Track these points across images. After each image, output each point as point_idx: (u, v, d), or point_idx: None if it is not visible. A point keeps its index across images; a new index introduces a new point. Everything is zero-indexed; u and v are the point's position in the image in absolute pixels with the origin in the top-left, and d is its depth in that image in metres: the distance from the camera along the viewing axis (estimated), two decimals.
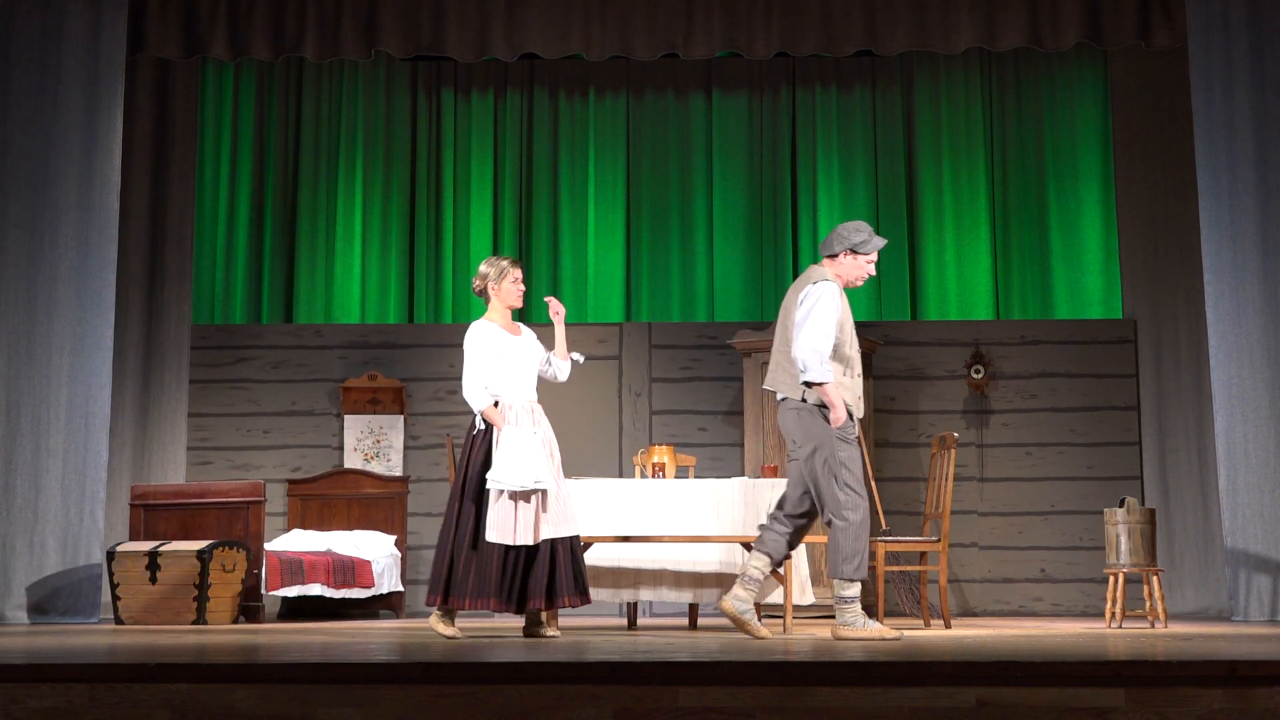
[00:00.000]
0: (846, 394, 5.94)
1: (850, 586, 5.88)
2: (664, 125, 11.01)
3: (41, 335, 8.48)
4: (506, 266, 6.55)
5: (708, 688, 3.85)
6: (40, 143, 8.61)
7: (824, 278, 6.03)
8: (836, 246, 6.08)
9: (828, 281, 6.01)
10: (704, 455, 9.98)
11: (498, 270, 6.54)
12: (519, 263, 6.64)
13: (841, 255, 6.08)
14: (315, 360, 10.40)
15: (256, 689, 3.86)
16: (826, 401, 5.88)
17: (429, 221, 10.97)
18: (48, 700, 3.84)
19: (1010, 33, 8.91)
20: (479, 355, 6.42)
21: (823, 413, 5.92)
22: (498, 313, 6.56)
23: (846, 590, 5.89)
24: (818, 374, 5.86)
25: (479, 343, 6.44)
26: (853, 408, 5.95)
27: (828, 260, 6.12)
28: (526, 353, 6.52)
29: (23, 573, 8.29)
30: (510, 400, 6.41)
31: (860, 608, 5.91)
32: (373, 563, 9.31)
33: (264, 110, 10.97)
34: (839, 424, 5.88)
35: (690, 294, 10.91)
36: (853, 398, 5.97)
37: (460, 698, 3.84)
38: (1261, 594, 8.17)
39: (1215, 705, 3.84)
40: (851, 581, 5.88)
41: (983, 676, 3.87)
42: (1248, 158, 8.48)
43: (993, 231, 10.74)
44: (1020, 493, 10.10)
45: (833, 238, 6.11)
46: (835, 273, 6.08)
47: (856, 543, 5.85)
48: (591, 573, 7.48)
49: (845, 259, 6.08)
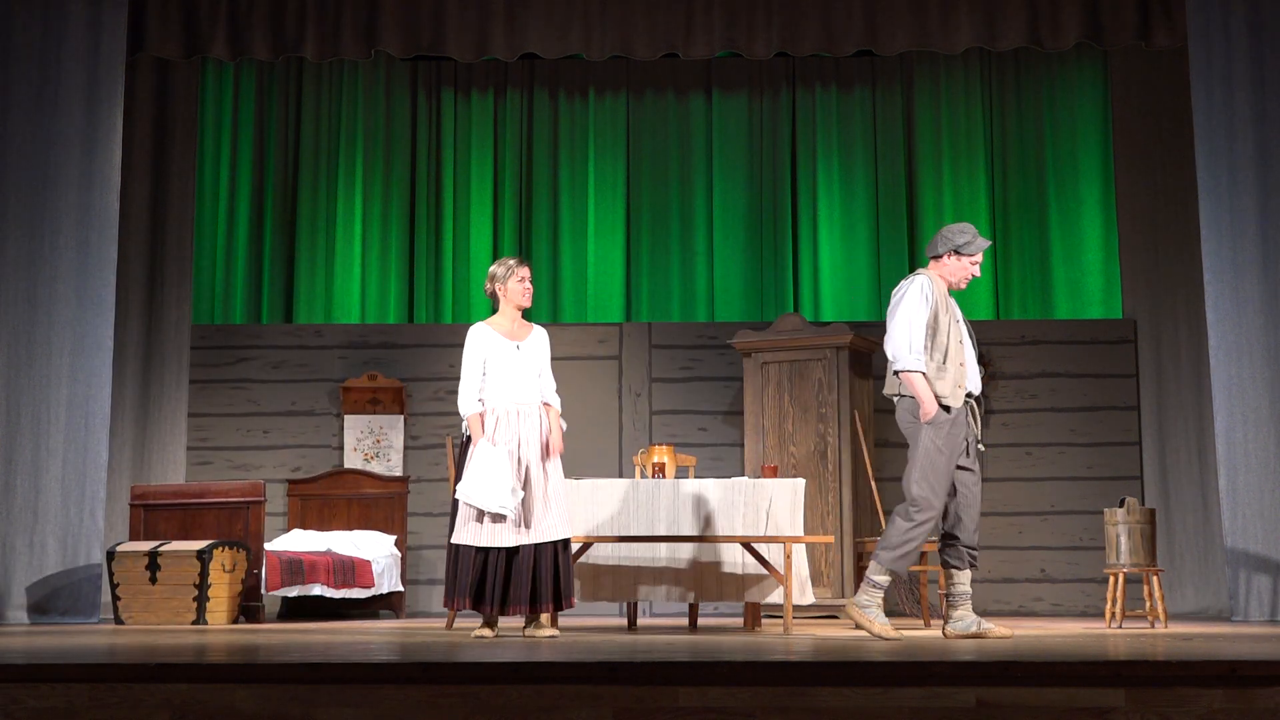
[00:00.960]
0: (943, 384, 5.95)
1: (882, 574, 5.92)
2: (664, 125, 11.01)
3: (41, 335, 8.48)
4: (513, 266, 6.55)
5: (708, 688, 3.85)
6: (40, 143, 8.61)
7: (915, 274, 6.10)
8: (940, 248, 6.14)
9: (916, 276, 6.08)
10: (704, 455, 9.98)
11: (505, 269, 6.54)
12: (526, 262, 6.62)
13: (945, 256, 6.12)
14: (315, 360, 10.40)
15: (256, 689, 3.86)
16: (910, 391, 5.94)
17: (429, 221, 10.97)
18: (48, 700, 3.84)
19: (1010, 33, 8.91)
20: (468, 360, 6.44)
21: (915, 405, 5.97)
22: (506, 314, 6.55)
23: (877, 575, 5.92)
24: (904, 362, 5.94)
25: (469, 347, 6.46)
26: (948, 399, 5.94)
27: (933, 262, 6.17)
28: (522, 356, 6.48)
29: (23, 573, 8.29)
30: (495, 404, 6.40)
31: (882, 598, 5.93)
32: (373, 563, 9.31)
33: (264, 110, 10.97)
34: (927, 416, 5.90)
35: (690, 294, 10.91)
36: (950, 388, 5.96)
37: (460, 698, 3.84)
38: (1261, 594, 8.17)
39: (1215, 705, 3.84)
40: (885, 570, 5.92)
41: (983, 676, 3.87)
42: (1248, 158, 8.47)
43: (993, 231, 10.74)
44: (1020, 493, 10.10)
45: (937, 239, 6.17)
46: (940, 274, 6.13)
47: (908, 542, 5.88)
48: (591, 573, 7.48)
49: (949, 260, 6.11)
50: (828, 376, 9.34)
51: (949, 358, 5.98)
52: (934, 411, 5.91)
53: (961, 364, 6.00)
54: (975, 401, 6.09)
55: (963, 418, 5.99)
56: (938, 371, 5.96)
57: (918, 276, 6.08)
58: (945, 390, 5.96)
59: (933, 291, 6.03)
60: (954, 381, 5.97)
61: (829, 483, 9.27)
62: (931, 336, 5.98)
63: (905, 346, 5.95)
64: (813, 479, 9.24)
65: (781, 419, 9.46)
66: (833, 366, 9.33)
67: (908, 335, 5.96)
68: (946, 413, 5.93)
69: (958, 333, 6.05)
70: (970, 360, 6.07)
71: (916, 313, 5.97)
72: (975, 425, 6.07)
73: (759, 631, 7.04)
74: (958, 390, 5.97)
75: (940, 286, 6.09)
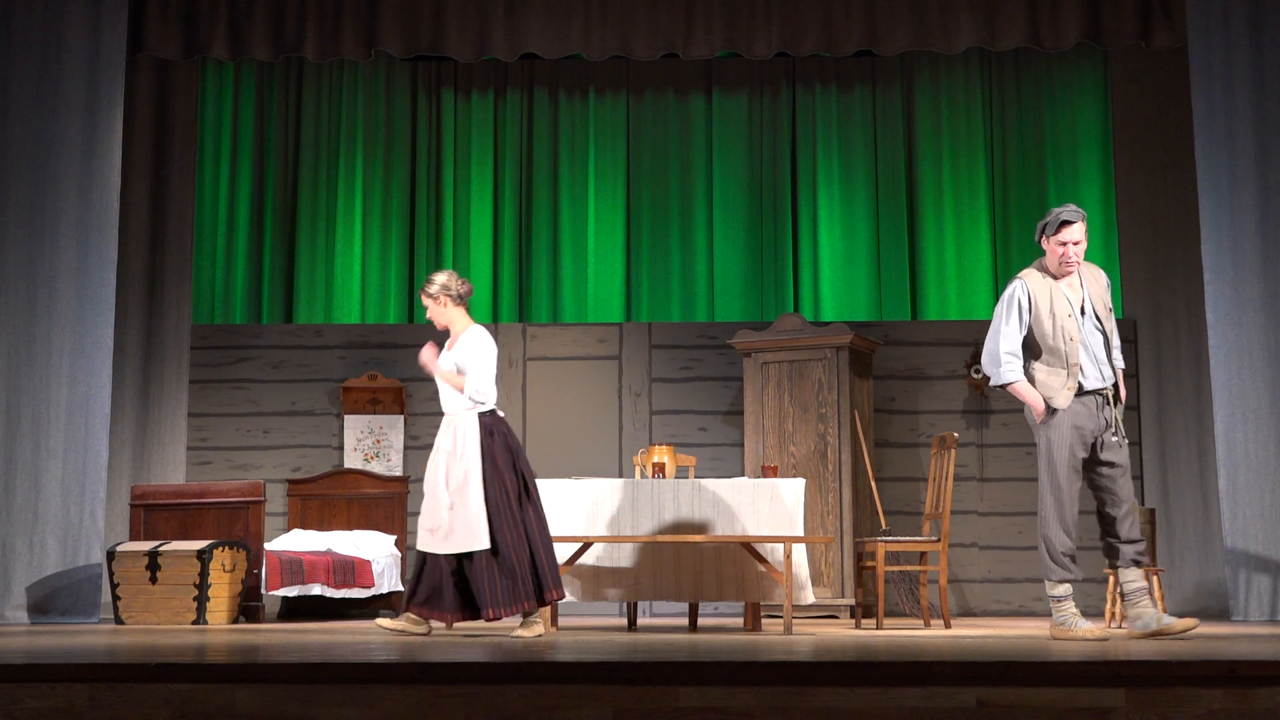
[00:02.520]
0: (1053, 383, 5.85)
1: (1056, 587, 5.85)
2: (664, 125, 11.01)
3: (41, 335, 8.48)
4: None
5: (708, 688, 3.85)
6: (40, 143, 8.61)
7: (1015, 277, 5.99)
8: (1038, 235, 5.98)
9: (1013, 280, 5.96)
10: (704, 455, 9.98)
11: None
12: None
13: (1042, 242, 5.95)
14: (315, 360, 10.40)
15: (256, 689, 3.86)
16: (1019, 399, 5.90)
17: (429, 221, 10.97)
18: (48, 700, 3.84)
19: (1010, 33, 8.91)
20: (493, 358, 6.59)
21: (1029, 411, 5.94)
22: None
23: (1052, 590, 5.86)
24: (997, 377, 5.92)
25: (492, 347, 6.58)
26: (1055, 398, 5.84)
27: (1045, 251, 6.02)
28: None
29: (23, 573, 8.29)
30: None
31: (1072, 606, 5.83)
32: (373, 563, 9.32)
33: (264, 110, 10.97)
34: (1039, 417, 5.86)
35: (690, 294, 10.91)
36: (1059, 387, 5.84)
37: (460, 698, 3.84)
38: (1261, 594, 8.17)
39: (1215, 705, 3.84)
40: (1053, 582, 5.85)
41: (983, 676, 3.87)
42: (1248, 158, 8.47)
43: (993, 231, 10.74)
44: (1020, 493, 10.09)
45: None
46: (1043, 265, 5.98)
47: (1049, 555, 5.84)
48: (591, 573, 7.48)
49: (1045, 245, 5.94)
50: (828, 376, 9.34)
51: (1059, 356, 5.87)
52: (1043, 411, 5.84)
53: (1076, 362, 5.84)
54: (1110, 393, 5.91)
55: (1087, 413, 5.85)
56: (1048, 372, 5.88)
57: (1014, 281, 5.96)
58: (1055, 389, 5.86)
59: (1027, 294, 5.90)
60: (1065, 380, 5.84)
61: (829, 483, 9.27)
62: (1042, 339, 5.89)
63: (991, 361, 5.93)
64: (813, 479, 9.24)
65: (781, 419, 9.46)
66: (833, 366, 9.33)
67: (994, 348, 5.91)
68: (1057, 412, 5.84)
69: (1072, 328, 5.87)
70: (1092, 354, 5.88)
71: (1004, 322, 5.89)
72: (1107, 418, 5.87)
73: (759, 631, 7.04)
74: (1068, 389, 5.83)
75: (1041, 284, 5.92)
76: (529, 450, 9.88)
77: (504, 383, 10.29)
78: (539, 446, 10.18)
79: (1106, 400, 5.90)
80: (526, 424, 10.26)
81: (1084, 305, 5.94)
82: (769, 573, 7.18)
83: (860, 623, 7.90)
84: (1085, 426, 5.85)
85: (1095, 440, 5.88)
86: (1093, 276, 6.02)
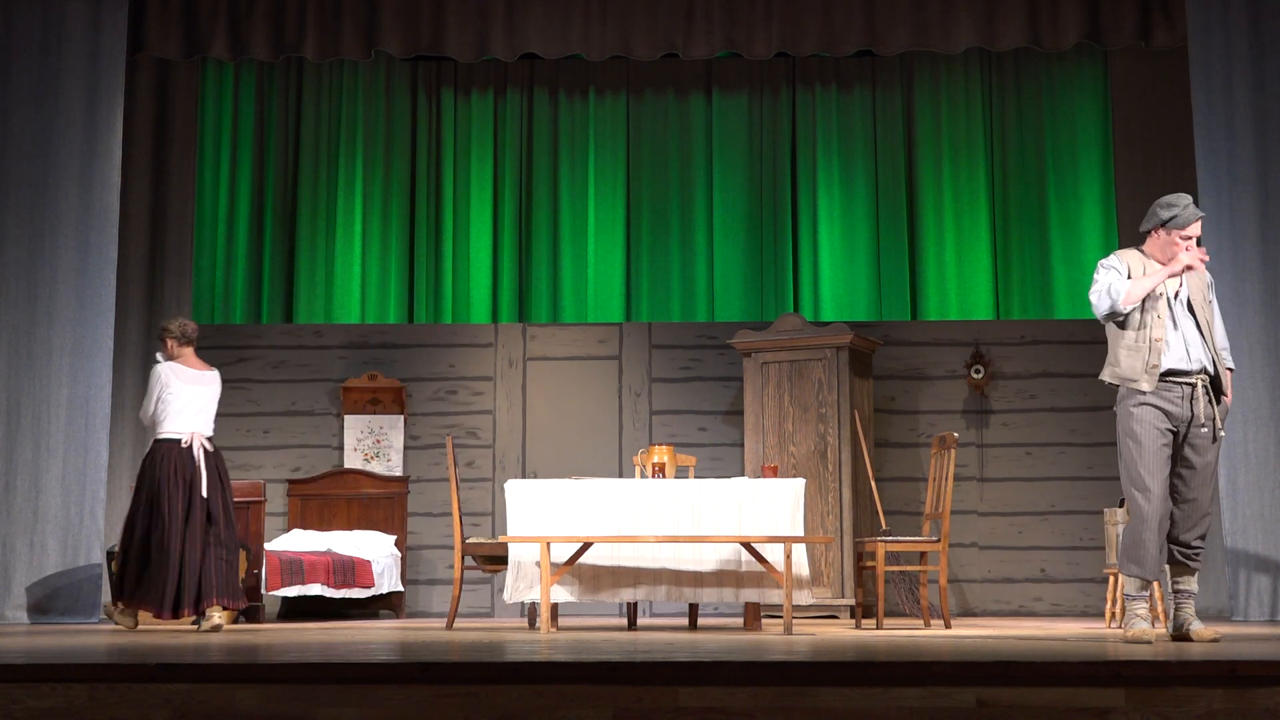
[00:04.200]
0: (1134, 362, 5.55)
1: (1129, 583, 5.52)
2: (664, 125, 11.01)
3: (41, 335, 8.49)
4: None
5: (708, 688, 3.85)
6: (40, 143, 8.61)
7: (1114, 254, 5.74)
8: (1147, 224, 5.68)
9: (1113, 255, 5.72)
10: (704, 455, 9.98)
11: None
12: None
13: (1154, 232, 5.66)
14: (315, 360, 10.39)
15: (256, 689, 3.86)
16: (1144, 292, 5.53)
17: (429, 221, 10.97)
18: (48, 700, 3.84)
19: (1010, 33, 8.91)
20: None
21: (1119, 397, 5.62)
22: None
23: (1126, 586, 5.56)
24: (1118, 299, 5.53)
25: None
26: (1139, 380, 5.52)
27: (1147, 240, 5.73)
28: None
29: (23, 573, 8.29)
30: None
31: (1140, 607, 5.49)
32: (373, 563, 9.31)
33: (264, 110, 10.97)
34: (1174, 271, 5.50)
35: (690, 294, 10.91)
36: (1141, 368, 5.53)
37: (460, 698, 3.84)
38: (1261, 594, 8.18)
39: (1215, 705, 3.84)
40: (1132, 580, 5.51)
41: (983, 676, 3.87)
42: (1248, 158, 8.48)
43: (993, 231, 10.74)
44: (1020, 493, 10.10)
45: (1148, 213, 5.71)
46: (1149, 250, 5.71)
47: (1133, 545, 5.48)
48: (591, 573, 7.48)
49: (1158, 235, 5.64)
50: (828, 376, 9.34)
51: (1143, 335, 5.54)
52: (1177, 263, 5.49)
53: (1159, 337, 5.50)
54: (1207, 383, 5.56)
55: (1178, 400, 5.51)
56: (1130, 353, 5.56)
57: (1109, 256, 5.72)
58: (1136, 369, 5.53)
59: (1120, 261, 5.64)
60: (1148, 361, 5.51)
61: (829, 483, 9.27)
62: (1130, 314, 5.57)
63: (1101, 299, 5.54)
64: (813, 479, 9.24)
65: (781, 419, 9.46)
66: (833, 366, 9.33)
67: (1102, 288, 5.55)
68: (1141, 395, 5.52)
69: (1161, 305, 5.55)
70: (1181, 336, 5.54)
71: (1103, 272, 5.59)
72: (1201, 410, 5.52)
73: (759, 631, 7.04)
74: (1152, 371, 5.50)
75: (1138, 261, 5.65)
76: (529, 450, 9.88)
77: (504, 382, 10.30)
78: (539, 446, 10.18)
79: (1207, 388, 5.56)
80: (526, 424, 10.26)
81: (1179, 291, 5.65)
82: (769, 573, 7.18)
83: (860, 623, 7.90)
84: (1176, 412, 5.52)
85: (1178, 431, 5.54)
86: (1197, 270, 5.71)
